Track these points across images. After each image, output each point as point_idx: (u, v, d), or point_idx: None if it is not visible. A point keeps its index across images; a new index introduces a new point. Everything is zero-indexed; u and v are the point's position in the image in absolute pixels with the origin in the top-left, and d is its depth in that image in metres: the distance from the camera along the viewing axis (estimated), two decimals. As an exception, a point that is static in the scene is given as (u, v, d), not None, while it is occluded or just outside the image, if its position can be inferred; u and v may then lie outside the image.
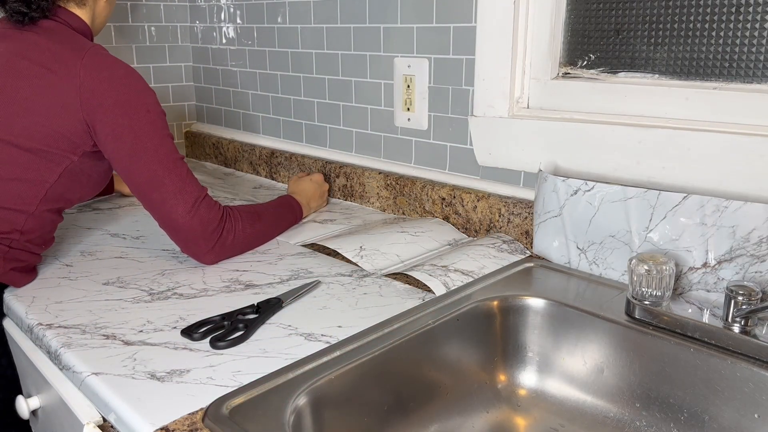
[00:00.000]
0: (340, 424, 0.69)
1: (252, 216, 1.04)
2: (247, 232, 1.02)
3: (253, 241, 1.04)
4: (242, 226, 1.01)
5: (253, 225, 1.03)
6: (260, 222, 1.05)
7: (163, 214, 0.94)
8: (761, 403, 0.69)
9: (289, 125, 1.51)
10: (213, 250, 0.97)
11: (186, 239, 0.95)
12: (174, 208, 0.93)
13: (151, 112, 0.93)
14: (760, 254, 0.76)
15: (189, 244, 0.96)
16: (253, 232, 1.03)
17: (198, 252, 0.97)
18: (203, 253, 0.97)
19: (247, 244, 1.03)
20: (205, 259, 0.98)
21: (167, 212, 0.93)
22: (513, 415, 0.83)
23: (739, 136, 0.80)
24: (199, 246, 0.96)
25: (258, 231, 1.05)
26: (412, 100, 1.18)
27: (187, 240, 0.95)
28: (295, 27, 1.42)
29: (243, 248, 1.03)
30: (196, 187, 0.95)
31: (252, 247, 1.05)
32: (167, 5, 1.71)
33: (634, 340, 0.77)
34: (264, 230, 1.07)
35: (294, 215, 1.17)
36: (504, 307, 0.86)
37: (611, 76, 0.95)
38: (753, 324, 0.71)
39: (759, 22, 0.80)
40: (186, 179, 0.94)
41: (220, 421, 0.60)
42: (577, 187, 0.90)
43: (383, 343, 0.74)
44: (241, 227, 1.01)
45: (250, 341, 0.75)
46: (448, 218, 1.15)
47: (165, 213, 0.93)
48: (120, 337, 0.76)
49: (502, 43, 1.01)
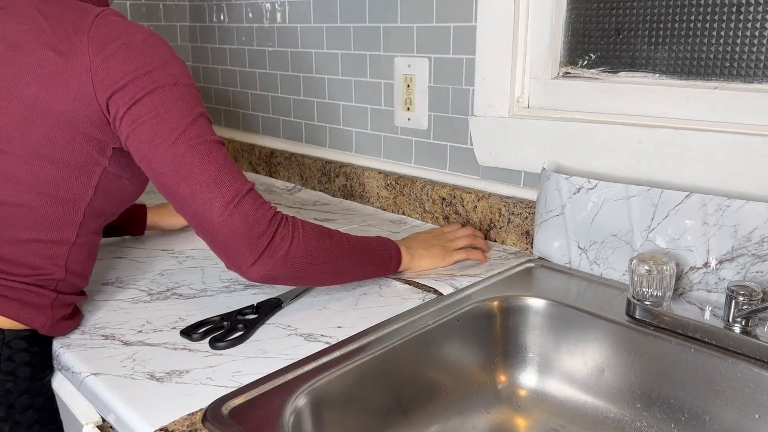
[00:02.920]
0: (339, 424, 0.68)
1: (320, 230, 0.80)
2: (311, 246, 0.77)
3: (316, 260, 0.78)
4: (303, 234, 0.77)
5: (319, 240, 0.78)
6: (330, 240, 0.80)
7: (195, 212, 0.72)
8: (762, 404, 0.68)
9: (289, 125, 1.51)
10: (261, 261, 0.73)
11: (225, 245, 0.72)
12: (208, 203, 0.71)
13: (179, 85, 0.73)
14: (762, 254, 0.76)
15: (229, 251, 0.73)
16: (318, 247, 0.78)
17: (240, 262, 0.73)
18: (247, 264, 0.73)
19: (308, 263, 0.77)
20: (251, 274, 0.74)
21: (199, 210, 0.72)
22: (513, 415, 0.83)
23: (740, 136, 0.80)
24: (241, 253, 0.72)
25: (325, 249, 0.79)
26: (412, 100, 1.18)
27: (227, 246, 0.72)
28: (294, 27, 1.41)
29: (301, 267, 0.77)
30: (237, 177, 0.73)
31: (315, 271, 0.79)
32: (167, 5, 1.70)
33: (634, 341, 0.77)
34: (334, 253, 0.80)
35: (385, 254, 0.89)
36: (504, 308, 0.85)
37: (612, 76, 0.95)
38: (754, 324, 0.71)
39: (759, 22, 0.80)
40: (224, 168, 0.73)
41: (220, 421, 0.59)
42: (580, 185, 0.90)
43: (383, 343, 0.74)
44: (303, 237, 0.76)
45: (250, 342, 0.75)
46: (448, 218, 1.15)
47: (197, 211, 0.72)
48: (119, 338, 0.76)
49: (502, 42, 1.01)
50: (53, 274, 0.75)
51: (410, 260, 0.92)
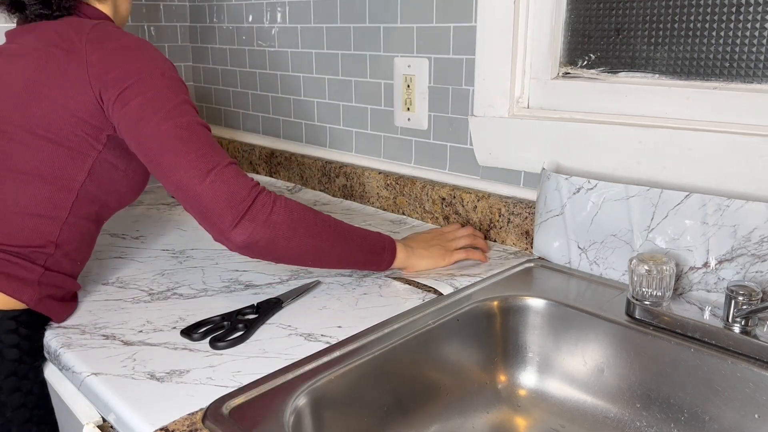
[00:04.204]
0: (340, 424, 0.68)
1: (304, 206, 0.82)
2: (294, 215, 0.79)
3: (299, 229, 0.79)
4: (286, 204, 0.79)
5: (303, 212, 0.80)
6: (315, 215, 0.81)
7: (179, 181, 0.75)
8: (762, 404, 0.68)
9: (289, 125, 1.51)
10: (242, 224, 0.75)
11: (207, 209, 0.75)
12: (190, 171, 0.74)
13: (166, 76, 0.79)
14: (761, 254, 0.76)
15: (211, 215, 0.75)
16: (301, 217, 0.79)
17: (222, 225, 0.75)
18: (228, 226, 0.75)
19: (290, 231, 0.78)
20: (234, 237, 0.75)
21: (182, 178, 0.75)
22: (513, 415, 0.83)
23: (740, 136, 0.80)
24: (222, 216, 0.74)
25: (308, 220, 0.80)
26: (412, 100, 1.18)
27: (209, 210, 0.75)
28: (295, 27, 1.41)
29: (284, 235, 0.78)
30: (220, 152, 0.77)
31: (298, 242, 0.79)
32: (167, 5, 1.70)
33: (634, 341, 0.77)
34: (319, 227, 0.81)
35: (378, 243, 0.89)
36: (504, 308, 0.85)
37: (611, 76, 0.95)
38: (753, 324, 0.71)
39: (759, 22, 0.80)
40: (207, 144, 0.77)
41: (220, 421, 0.59)
42: (580, 185, 0.90)
43: (383, 343, 0.74)
44: (285, 205, 0.78)
45: (250, 341, 0.75)
46: (448, 218, 1.15)
47: (180, 179, 0.75)
48: (119, 338, 0.76)
49: (502, 42, 1.01)
50: (44, 248, 0.79)
51: (408, 258, 0.92)
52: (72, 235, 0.82)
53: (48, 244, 0.79)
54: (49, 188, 0.79)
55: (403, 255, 0.92)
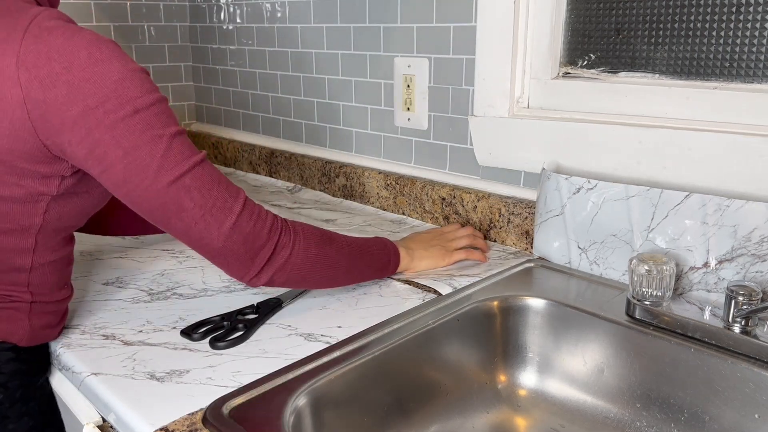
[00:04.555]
0: (340, 424, 0.68)
1: (320, 235, 0.79)
2: (311, 253, 0.77)
3: (316, 266, 0.78)
4: (303, 241, 0.76)
5: (319, 246, 0.78)
6: (330, 246, 0.80)
7: (194, 242, 0.71)
8: (762, 404, 0.68)
9: (289, 125, 1.51)
10: (264, 273, 0.74)
11: (228, 263, 0.73)
12: (205, 233, 0.69)
13: (140, 111, 0.64)
14: (761, 254, 0.76)
15: (232, 268, 0.73)
16: (318, 254, 0.78)
17: (245, 277, 0.74)
18: (250, 276, 0.74)
19: (307, 270, 0.77)
20: (254, 283, 0.75)
21: (197, 239, 0.70)
22: (513, 415, 0.83)
23: (740, 136, 0.80)
24: (245, 268, 0.73)
25: (325, 255, 0.79)
26: (412, 100, 1.18)
27: (230, 264, 0.73)
28: (295, 27, 1.41)
29: (301, 274, 0.77)
30: (228, 195, 0.70)
31: (314, 276, 0.79)
32: (167, 5, 1.70)
33: (634, 341, 0.77)
34: (333, 259, 0.80)
35: (384, 257, 0.89)
36: (504, 308, 0.85)
37: (612, 76, 0.95)
38: (753, 324, 0.71)
39: (759, 22, 0.80)
40: (213, 190, 0.69)
41: (220, 421, 0.59)
42: (580, 185, 0.90)
43: (383, 343, 0.74)
44: (303, 244, 0.76)
45: (250, 341, 0.75)
46: (448, 218, 1.15)
47: (195, 240, 0.70)
48: (119, 338, 0.76)
49: (502, 42, 1.01)
50: (21, 298, 0.73)
51: (410, 261, 0.92)
52: (43, 276, 0.74)
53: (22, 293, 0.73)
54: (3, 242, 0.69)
55: (406, 260, 0.92)
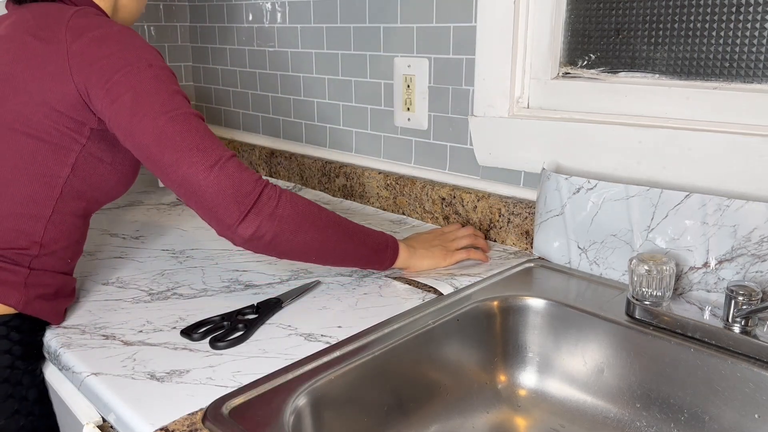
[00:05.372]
0: (339, 424, 0.69)
1: (309, 200, 0.80)
2: (299, 207, 0.77)
3: (304, 223, 0.78)
4: (291, 197, 0.77)
5: (308, 205, 0.79)
6: (320, 210, 0.81)
7: (181, 177, 0.73)
8: (761, 404, 0.68)
9: (289, 125, 1.51)
10: (248, 218, 0.73)
11: (213, 204, 0.73)
12: (193, 167, 0.72)
13: (153, 66, 0.75)
14: (761, 254, 0.76)
15: (217, 209, 0.73)
16: (306, 211, 0.78)
17: (229, 220, 0.73)
18: (235, 221, 0.73)
19: (296, 224, 0.77)
20: (240, 231, 0.74)
21: (185, 174, 0.72)
22: (513, 415, 0.83)
23: (740, 136, 0.80)
24: (229, 210, 0.73)
25: (314, 214, 0.79)
26: (412, 100, 1.18)
27: (215, 205, 0.73)
28: (294, 27, 1.41)
29: (289, 228, 0.77)
30: (219, 145, 0.75)
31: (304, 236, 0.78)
32: (167, 5, 1.70)
33: (634, 341, 0.77)
34: (324, 221, 0.80)
35: (381, 242, 0.89)
36: (504, 308, 0.85)
37: (611, 76, 0.95)
38: (753, 324, 0.71)
39: (759, 22, 0.80)
40: (205, 136, 0.74)
41: (220, 421, 0.59)
42: (580, 185, 0.90)
43: (383, 343, 0.74)
44: (290, 198, 0.77)
45: (250, 341, 0.75)
46: (448, 218, 1.15)
47: (183, 176, 0.72)
48: (119, 338, 0.76)
49: (502, 42, 1.01)
50: (28, 249, 0.76)
51: (410, 258, 0.92)
52: (58, 233, 0.79)
53: (32, 245, 0.76)
54: (31, 186, 0.76)
55: (405, 255, 0.92)
